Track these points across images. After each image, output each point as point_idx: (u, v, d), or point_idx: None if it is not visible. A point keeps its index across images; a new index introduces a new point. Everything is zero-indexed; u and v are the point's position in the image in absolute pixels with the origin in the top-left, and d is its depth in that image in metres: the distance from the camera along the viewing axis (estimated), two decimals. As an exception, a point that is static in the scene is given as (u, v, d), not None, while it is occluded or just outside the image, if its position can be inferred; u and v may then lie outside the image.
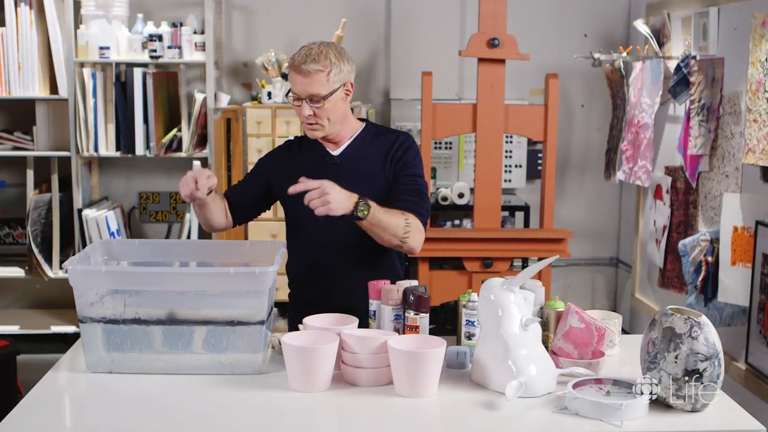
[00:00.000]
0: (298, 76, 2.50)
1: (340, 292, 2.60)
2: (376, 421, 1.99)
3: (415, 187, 2.61)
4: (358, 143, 2.66)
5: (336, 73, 2.51)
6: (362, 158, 2.63)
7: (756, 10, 3.07)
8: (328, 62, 2.50)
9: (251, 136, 4.22)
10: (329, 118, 2.55)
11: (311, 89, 2.49)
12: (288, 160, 2.70)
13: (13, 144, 4.30)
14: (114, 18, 4.25)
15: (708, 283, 3.29)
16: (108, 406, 2.06)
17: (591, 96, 4.75)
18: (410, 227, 2.49)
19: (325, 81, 2.50)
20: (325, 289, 2.64)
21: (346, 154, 2.65)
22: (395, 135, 2.70)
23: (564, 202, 4.80)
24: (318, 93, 2.50)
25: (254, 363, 2.21)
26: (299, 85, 2.51)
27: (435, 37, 4.66)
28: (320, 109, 2.52)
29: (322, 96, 2.50)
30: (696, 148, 3.53)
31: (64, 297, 4.40)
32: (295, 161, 2.68)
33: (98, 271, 2.26)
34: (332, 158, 2.64)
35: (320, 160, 2.65)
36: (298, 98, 2.53)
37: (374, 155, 2.64)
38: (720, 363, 1.98)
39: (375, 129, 2.73)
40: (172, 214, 4.66)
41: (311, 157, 2.67)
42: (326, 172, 2.57)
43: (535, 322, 2.14)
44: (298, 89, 2.52)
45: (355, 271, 2.59)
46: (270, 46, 4.43)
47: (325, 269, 2.64)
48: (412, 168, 2.63)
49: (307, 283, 2.69)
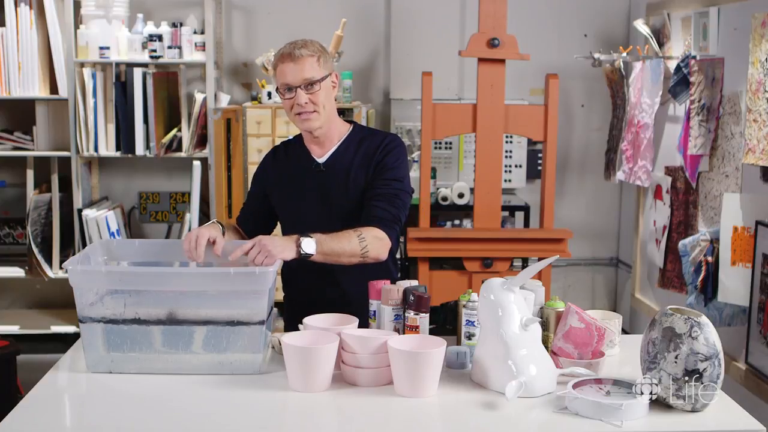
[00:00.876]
0: (290, 63, 2.50)
1: (334, 294, 2.60)
2: (376, 421, 1.99)
3: (388, 191, 2.56)
4: (343, 150, 2.64)
5: (324, 60, 2.55)
6: (346, 166, 2.62)
7: (756, 10, 3.07)
8: (316, 48, 2.54)
9: (251, 136, 4.22)
10: (324, 106, 2.55)
11: (305, 74, 2.50)
12: (276, 168, 2.71)
13: (13, 144, 4.30)
14: (114, 18, 4.26)
15: (708, 283, 3.29)
16: (108, 406, 2.06)
17: (591, 96, 4.75)
18: (366, 241, 2.45)
19: (317, 65, 2.52)
20: (319, 292, 2.63)
21: (330, 162, 2.63)
22: (380, 137, 2.66)
23: (564, 202, 4.80)
24: (312, 77, 2.50)
25: (254, 363, 2.21)
26: (291, 73, 2.51)
27: (435, 37, 4.66)
28: (315, 95, 2.52)
29: (317, 79, 2.51)
30: (696, 148, 3.53)
31: (64, 297, 4.40)
32: (283, 169, 2.69)
33: (98, 271, 2.26)
34: (317, 166, 2.64)
35: (306, 168, 2.65)
36: (290, 88, 2.52)
37: (358, 162, 2.61)
38: (720, 363, 1.98)
39: (361, 132, 2.70)
40: (172, 214, 4.66)
41: (297, 164, 2.67)
42: (312, 180, 2.61)
43: (535, 322, 2.14)
44: (290, 78, 2.51)
45: (348, 274, 2.56)
46: (270, 46, 4.42)
47: (322, 274, 2.60)
48: (391, 171, 2.59)
49: (305, 289, 2.69)
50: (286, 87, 2.53)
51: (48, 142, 4.30)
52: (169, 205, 4.66)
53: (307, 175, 2.63)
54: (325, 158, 2.64)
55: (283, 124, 4.21)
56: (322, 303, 2.44)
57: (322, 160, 2.64)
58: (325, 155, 2.64)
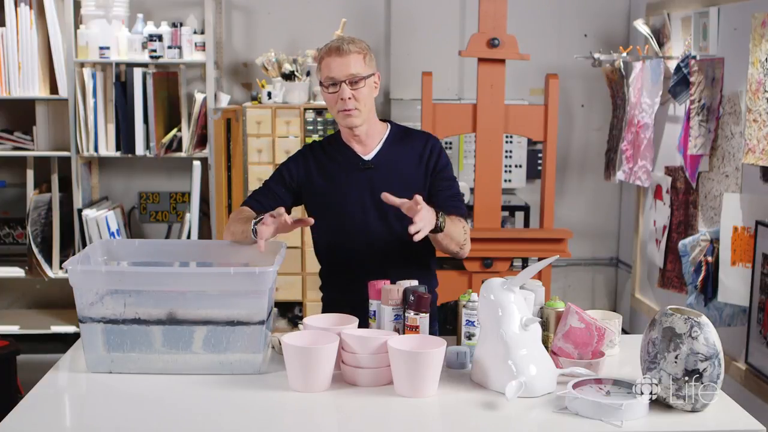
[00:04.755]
0: (337, 58, 2.50)
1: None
2: (376, 421, 1.99)
3: (456, 192, 2.64)
4: (389, 146, 2.65)
5: (369, 59, 2.56)
6: (396, 161, 2.62)
7: (756, 10, 3.07)
8: (363, 46, 2.55)
9: (251, 136, 4.22)
10: (366, 104, 2.55)
11: (351, 69, 2.50)
12: (315, 164, 2.66)
13: (13, 144, 4.30)
14: (114, 18, 4.26)
15: (708, 283, 3.29)
16: (108, 406, 2.06)
17: (591, 96, 4.75)
18: (467, 234, 2.55)
19: (362, 62, 2.52)
20: (362, 295, 2.50)
21: (379, 158, 2.63)
22: (424, 136, 2.70)
23: (564, 202, 4.80)
24: (358, 73, 2.50)
25: (254, 363, 2.21)
26: (337, 68, 2.50)
27: (435, 37, 4.66)
28: (359, 91, 2.51)
29: (363, 76, 2.51)
30: (696, 148, 3.53)
31: (64, 297, 4.40)
32: (324, 166, 2.65)
33: (98, 271, 2.26)
34: (365, 163, 2.62)
35: (353, 165, 2.62)
36: (335, 83, 2.51)
37: (407, 157, 2.63)
38: (720, 363, 1.98)
39: (401, 129, 2.72)
40: (172, 214, 4.66)
41: (342, 161, 2.63)
42: (360, 177, 2.58)
43: (535, 322, 2.13)
44: (335, 73, 2.50)
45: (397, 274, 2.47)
46: (270, 46, 4.43)
47: (364, 274, 2.50)
48: (447, 172, 2.65)
49: (345, 289, 2.64)
50: (331, 81, 2.52)
51: (48, 142, 4.30)
52: (169, 205, 4.66)
53: (354, 172, 2.61)
54: (372, 155, 2.63)
55: (283, 124, 4.21)
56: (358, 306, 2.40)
57: (369, 156, 2.63)
58: (372, 152, 2.64)
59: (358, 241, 2.60)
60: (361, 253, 2.60)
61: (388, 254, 2.59)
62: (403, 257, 2.61)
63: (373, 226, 2.57)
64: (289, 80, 4.27)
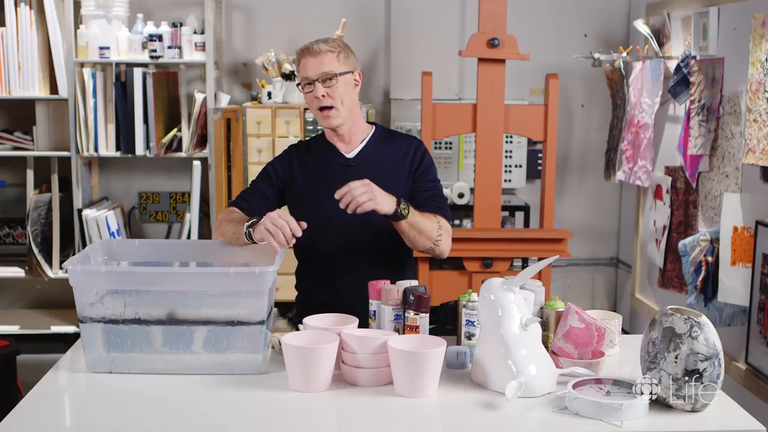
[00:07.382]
0: (310, 58, 2.54)
1: (353, 296, 2.53)
2: (376, 421, 1.99)
3: (438, 193, 2.65)
4: (373, 144, 2.67)
5: (345, 57, 2.57)
6: (379, 160, 2.63)
7: (756, 10, 3.07)
8: (337, 45, 2.57)
9: (251, 136, 4.22)
10: (343, 101, 2.56)
11: (323, 68, 2.53)
12: (299, 162, 2.68)
13: (13, 144, 4.30)
14: (114, 18, 4.25)
15: (708, 283, 3.29)
16: (108, 406, 2.06)
17: (591, 96, 4.75)
18: (442, 230, 2.55)
19: (336, 60, 2.54)
20: (336, 294, 2.60)
21: (361, 156, 2.64)
22: (409, 139, 2.72)
23: (564, 202, 4.80)
24: (330, 70, 2.53)
25: (254, 363, 2.21)
26: (311, 67, 2.54)
27: (435, 37, 4.66)
28: (333, 89, 2.53)
29: (335, 73, 2.52)
30: (696, 148, 3.54)
31: (64, 297, 4.40)
32: (307, 164, 2.67)
33: (98, 271, 2.26)
34: (347, 161, 2.64)
35: (334, 163, 2.64)
36: (310, 82, 2.54)
37: (390, 157, 2.64)
38: (720, 363, 1.98)
39: (386, 132, 2.75)
40: (172, 214, 4.66)
41: (324, 159, 2.65)
42: (341, 174, 2.57)
43: (535, 322, 2.14)
44: (309, 72, 2.54)
45: (371, 275, 2.49)
46: (270, 46, 4.43)
47: (340, 274, 2.61)
48: (430, 174, 2.67)
49: (319, 287, 2.67)
50: (306, 81, 2.56)
51: (48, 142, 4.30)
52: (169, 205, 4.66)
53: (335, 170, 2.62)
54: (354, 153, 2.65)
55: (283, 124, 4.21)
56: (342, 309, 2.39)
57: (352, 154, 2.65)
58: (354, 150, 2.66)
59: (336, 238, 2.61)
60: (339, 251, 2.62)
61: (363, 253, 2.61)
62: (378, 257, 2.62)
63: (351, 224, 2.55)
64: (289, 80, 4.27)
